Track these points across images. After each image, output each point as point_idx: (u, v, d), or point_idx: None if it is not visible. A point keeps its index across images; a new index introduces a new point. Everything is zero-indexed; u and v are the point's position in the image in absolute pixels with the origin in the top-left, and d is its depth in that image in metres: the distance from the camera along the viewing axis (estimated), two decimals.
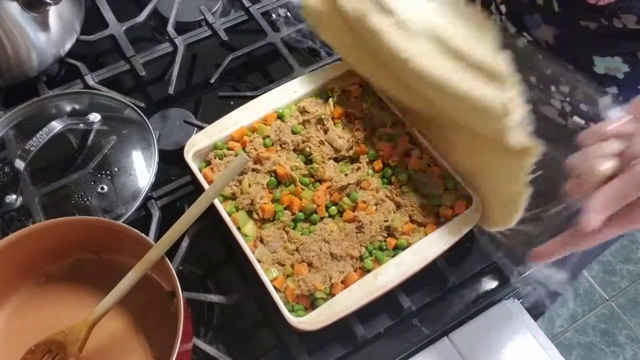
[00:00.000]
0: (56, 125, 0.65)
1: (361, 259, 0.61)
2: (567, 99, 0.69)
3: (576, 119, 0.70)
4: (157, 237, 0.62)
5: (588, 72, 0.66)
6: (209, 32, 0.83)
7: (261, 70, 0.86)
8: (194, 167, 0.65)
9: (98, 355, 0.56)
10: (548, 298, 0.60)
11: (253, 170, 0.65)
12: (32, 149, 0.63)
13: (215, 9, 0.86)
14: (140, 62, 0.79)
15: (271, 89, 0.72)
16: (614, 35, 0.61)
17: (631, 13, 0.57)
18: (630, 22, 0.58)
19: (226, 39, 0.82)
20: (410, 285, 0.60)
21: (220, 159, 0.65)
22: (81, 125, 0.69)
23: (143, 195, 0.66)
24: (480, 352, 0.63)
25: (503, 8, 0.72)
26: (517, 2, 0.69)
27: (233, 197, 0.63)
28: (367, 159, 0.67)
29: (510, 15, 0.71)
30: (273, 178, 0.65)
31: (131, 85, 0.82)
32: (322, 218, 0.63)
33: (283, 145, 0.67)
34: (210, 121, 0.69)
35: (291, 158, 0.66)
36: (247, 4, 0.85)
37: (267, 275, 0.58)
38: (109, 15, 0.84)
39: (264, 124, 0.68)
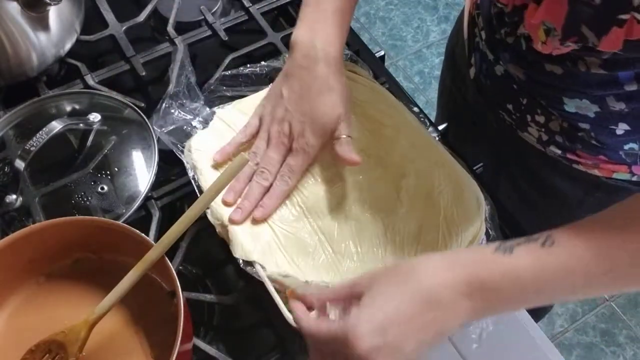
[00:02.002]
0: (56, 125, 0.65)
1: None
2: (543, 129, 0.70)
3: (553, 148, 0.70)
4: (157, 237, 0.62)
5: (559, 109, 0.66)
6: (209, 32, 0.83)
7: None
8: (194, 166, 0.66)
9: (98, 355, 0.55)
10: None
11: None
12: (32, 149, 0.63)
13: (215, 9, 0.86)
14: (140, 62, 0.79)
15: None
16: (579, 82, 0.61)
17: (593, 56, 0.57)
18: (594, 65, 0.58)
19: (226, 39, 0.82)
20: None
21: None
22: (81, 125, 0.69)
23: (143, 195, 0.66)
24: (480, 352, 0.63)
25: (483, 34, 0.72)
26: (491, 36, 0.69)
27: None
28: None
29: (488, 43, 0.71)
30: None
31: (131, 85, 0.82)
32: None
33: None
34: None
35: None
36: (247, 4, 0.85)
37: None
38: (109, 15, 0.84)
39: None
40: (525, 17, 0.58)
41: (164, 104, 0.69)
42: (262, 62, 0.76)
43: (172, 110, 0.70)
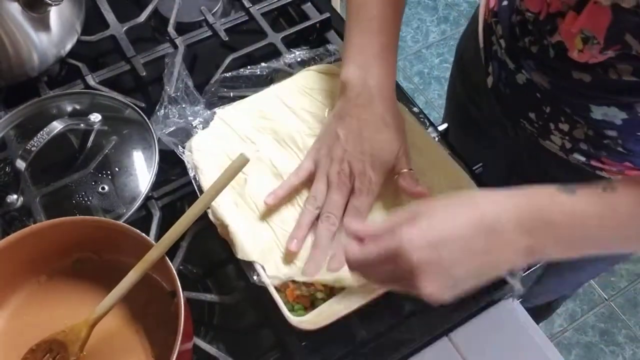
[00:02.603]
0: (57, 126, 0.65)
1: None
2: (567, 137, 0.69)
3: (577, 155, 0.70)
4: (158, 237, 0.62)
5: (585, 117, 0.65)
6: (209, 33, 0.83)
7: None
8: (194, 166, 0.66)
9: (99, 355, 0.56)
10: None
11: None
12: (33, 149, 0.64)
13: (215, 10, 0.87)
14: (141, 63, 0.79)
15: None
16: (609, 89, 0.60)
17: (626, 64, 0.56)
18: (626, 73, 0.57)
19: (226, 39, 0.82)
20: None
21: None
22: (82, 125, 0.69)
23: (143, 195, 0.66)
24: (480, 352, 0.63)
25: (503, 43, 0.71)
26: (513, 44, 0.69)
27: None
28: None
29: (509, 51, 0.71)
30: None
31: (132, 85, 0.82)
32: None
33: None
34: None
35: None
36: (247, 4, 0.85)
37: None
38: (109, 15, 0.84)
39: None
40: (561, 25, 0.58)
41: (162, 110, 0.69)
42: (262, 64, 0.76)
43: (171, 116, 0.70)
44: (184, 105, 0.70)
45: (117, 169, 0.68)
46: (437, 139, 0.71)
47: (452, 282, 0.46)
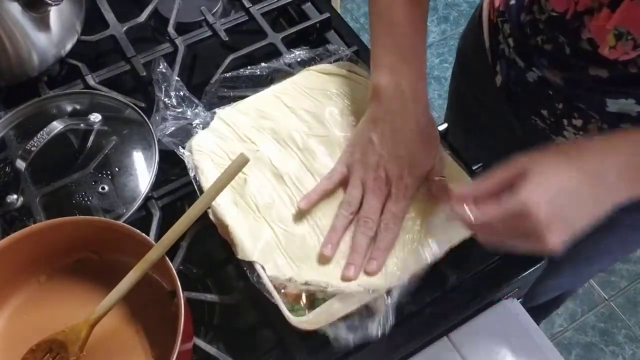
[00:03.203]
0: (57, 126, 0.65)
1: None
2: (580, 132, 0.69)
3: None
4: (158, 237, 0.62)
5: (600, 111, 0.65)
6: (209, 33, 0.83)
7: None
8: (194, 166, 0.66)
9: (99, 355, 0.56)
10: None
11: None
12: (33, 149, 0.64)
13: (215, 10, 0.87)
14: (141, 63, 0.79)
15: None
16: (626, 83, 0.60)
17: None
18: None
19: (226, 39, 0.82)
20: (410, 285, 0.60)
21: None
22: (82, 125, 0.69)
23: (143, 195, 0.66)
24: (480, 352, 0.63)
25: (511, 42, 0.71)
26: (524, 42, 0.68)
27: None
28: None
29: (518, 50, 0.70)
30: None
31: (132, 85, 0.82)
32: None
33: None
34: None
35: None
36: (247, 4, 0.85)
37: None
38: (109, 15, 0.84)
39: None
40: (590, 22, 0.58)
41: (159, 114, 0.69)
42: (263, 64, 0.76)
43: (170, 118, 0.70)
44: (179, 110, 0.70)
45: (117, 169, 0.68)
46: None
47: (572, 231, 0.49)
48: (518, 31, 0.69)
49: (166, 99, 0.70)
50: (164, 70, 0.71)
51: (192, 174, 0.66)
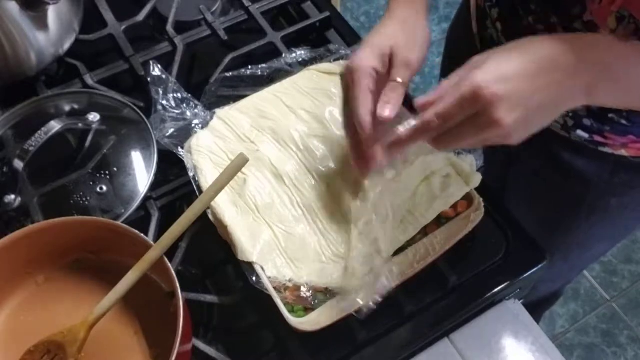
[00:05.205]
0: (55, 125, 0.65)
1: None
2: (570, 114, 0.69)
3: (580, 132, 0.70)
4: (157, 237, 0.62)
5: None
6: (208, 32, 0.83)
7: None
8: (194, 166, 0.65)
9: (97, 356, 0.55)
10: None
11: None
12: (30, 148, 0.63)
13: (214, 9, 0.86)
14: (140, 62, 0.79)
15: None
16: None
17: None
18: None
19: (226, 38, 0.82)
20: (410, 285, 0.60)
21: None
22: (80, 125, 0.69)
23: (142, 195, 0.65)
24: (481, 353, 0.63)
25: (499, 25, 0.71)
26: (515, 25, 0.69)
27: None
28: None
29: (507, 34, 0.71)
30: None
31: (130, 84, 0.81)
32: None
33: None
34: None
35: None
36: (246, 3, 0.85)
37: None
38: (108, 14, 0.84)
39: None
40: (591, 4, 0.58)
41: (159, 116, 0.69)
42: (263, 65, 0.75)
43: (169, 119, 0.69)
44: (178, 112, 0.70)
45: (115, 169, 0.67)
46: None
47: (526, 114, 0.48)
48: (509, 12, 0.69)
49: (164, 101, 0.69)
50: (159, 73, 0.70)
51: (191, 174, 0.66)
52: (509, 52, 0.49)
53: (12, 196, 0.65)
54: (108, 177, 0.67)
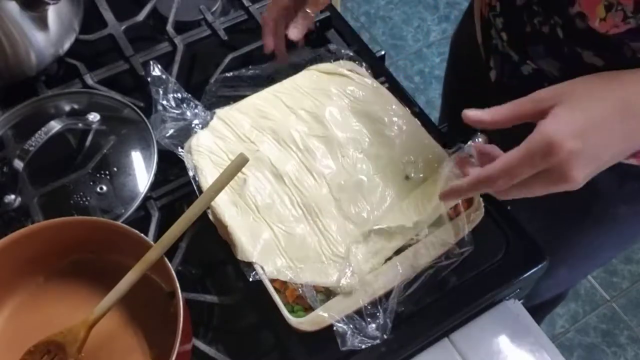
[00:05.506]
0: (55, 125, 0.65)
1: None
2: None
3: None
4: (157, 237, 0.62)
5: None
6: (208, 32, 0.83)
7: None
8: (194, 166, 0.65)
9: (97, 356, 0.55)
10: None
11: None
12: (30, 148, 0.63)
13: (214, 9, 0.86)
14: (140, 62, 0.79)
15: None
16: (623, 68, 0.59)
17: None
18: None
19: (226, 38, 0.82)
20: (410, 285, 0.60)
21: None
22: (80, 125, 0.69)
23: (142, 195, 0.65)
24: (481, 353, 0.63)
25: (504, 35, 0.71)
26: (520, 32, 0.68)
27: None
28: None
29: (513, 44, 0.70)
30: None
31: (130, 84, 0.81)
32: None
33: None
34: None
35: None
36: (246, 3, 0.85)
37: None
38: (108, 14, 0.84)
39: None
40: None
41: (159, 117, 0.69)
42: (263, 65, 0.75)
43: (169, 120, 0.69)
44: (178, 112, 0.70)
45: (115, 169, 0.67)
46: None
47: (599, 166, 0.47)
48: (515, 19, 0.69)
49: (164, 102, 0.69)
50: (159, 73, 0.70)
51: (191, 174, 0.66)
52: (579, 98, 0.47)
53: (12, 196, 0.65)
54: (108, 177, 0.67)
